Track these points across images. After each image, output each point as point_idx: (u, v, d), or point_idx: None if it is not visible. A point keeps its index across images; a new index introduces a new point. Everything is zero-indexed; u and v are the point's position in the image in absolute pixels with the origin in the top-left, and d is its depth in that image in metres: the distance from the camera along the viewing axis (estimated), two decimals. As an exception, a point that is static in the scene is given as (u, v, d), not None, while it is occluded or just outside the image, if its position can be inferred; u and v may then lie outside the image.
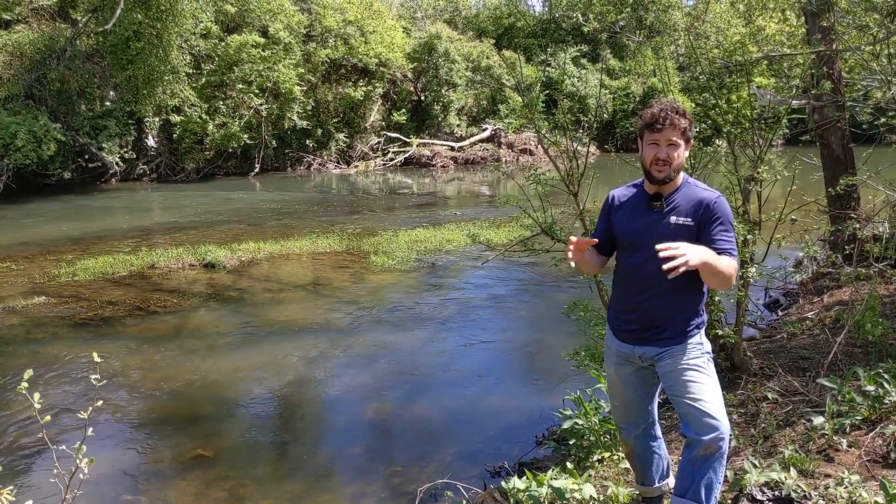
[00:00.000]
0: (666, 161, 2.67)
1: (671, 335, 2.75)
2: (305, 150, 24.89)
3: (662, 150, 2.68)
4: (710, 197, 2.71)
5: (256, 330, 7.52)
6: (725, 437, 2.63)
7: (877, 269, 6.18)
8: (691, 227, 2.68)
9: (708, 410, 2.64)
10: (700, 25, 12.74)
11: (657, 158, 2.68)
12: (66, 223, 14.46)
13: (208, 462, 4.72)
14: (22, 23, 19.60)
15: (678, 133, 2.67)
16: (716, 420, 2.62)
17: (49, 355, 6.70)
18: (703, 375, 2.72)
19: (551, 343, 7.03)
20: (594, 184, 5.12)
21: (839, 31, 6.86)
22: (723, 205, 2.69)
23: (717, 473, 2.65)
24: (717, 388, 2.74)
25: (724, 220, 2.67)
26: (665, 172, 2.69)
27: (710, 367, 2.78)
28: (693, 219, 2.68)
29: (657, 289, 2.71)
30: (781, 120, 4.94)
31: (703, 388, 2.69)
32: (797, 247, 6.63)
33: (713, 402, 2.66)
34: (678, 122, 2.66)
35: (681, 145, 2.69)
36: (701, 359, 2.75)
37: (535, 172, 5.20)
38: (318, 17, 24.78)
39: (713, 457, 2.63)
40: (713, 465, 2.64)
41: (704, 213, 2.67)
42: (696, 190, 2.75)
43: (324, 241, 11.91)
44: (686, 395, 2.68)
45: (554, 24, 32.53)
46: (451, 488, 3.81)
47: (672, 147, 2.67)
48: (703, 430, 2.62)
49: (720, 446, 2.62)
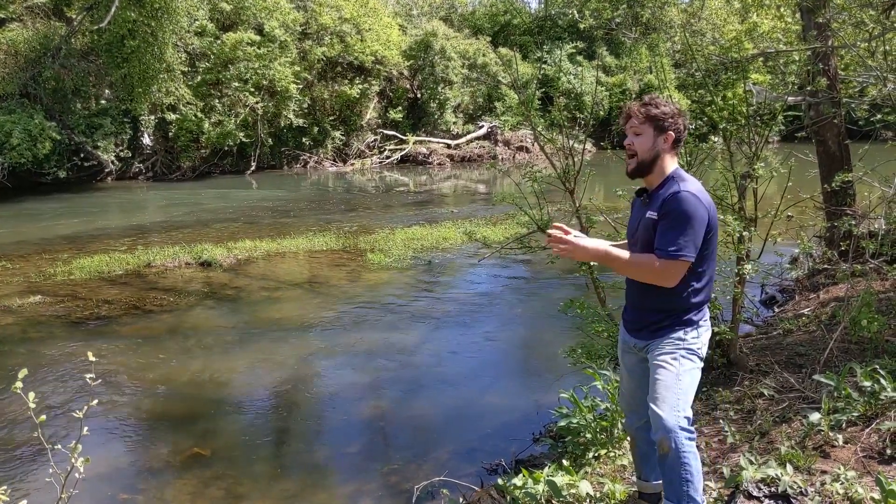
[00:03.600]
0: (632, 151, 2.76)
1: (653, 328, 2.80)
2: (301, 148, 24.85)
3: (628, 139, 2.79)
4: (675, 189, 2.69)
5: (253, 328, 7.50)
6: (675, 433, 2.58)
7: (872, 265, 6.19)
8: (655, 219, 2.72)
9: (657, 408, 2.63)
10: (696, 22, 12.74)
11: (626, 147, 2.80)
12: (61, 222, 14.42)
13: (205, 461, 4.71)
14: (16, 21, 19.53)
15: (640, 119, 2.74)
16: (661, 418, 2.61)
17: (44, 354, 6.68)
18: (666, 372, 2.70)
19: (547, 341, 7.04)
20: (590, 181, 5.13)
21: (835, 27, 6.85)
22: (678, 200, 2.65)
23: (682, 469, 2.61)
24: (680, 383, 2.68)
25: (674, 216, 2.63)
26: (632, 164, 2.79)
27: (681, 361, 2.72)
28: (657, 212, 2.71)
29: (635, 281, 2.82)
30: (777, 117, 4.95)
31: (658, 385, 2.68)
32: (793, 243, 6.64)
33: (664, 400, 2.63)
34: (638, 111, 2.74)
35: (644, 133, 2.74)
36: (671, 354, 2.72)
37: (532, 170, 5.20)
38: (313, 14, 24.73)
39: (670, 456, 2.60)
40: (674, 465, 2.62)
41: (663, 206, 2.69)
42: (673, 184, 2.74)
43: (320, 239, 11.90)
44: (650, 395, 2.72)
45: (550, 21, 32.50)
46: (448, 486, 3.81)
47: (636, 136, 2.76)
48: (655, 429, 2.65)
49: (672, 444, 2.59)
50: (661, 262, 2.64)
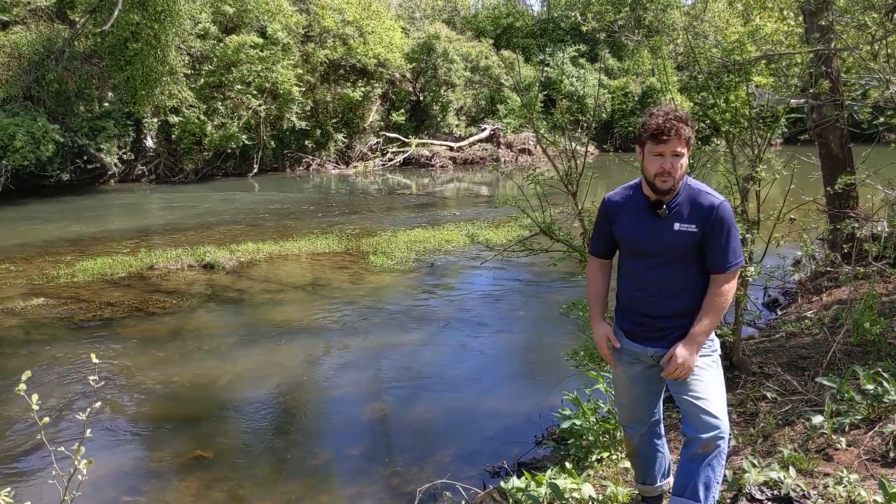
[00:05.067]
0: (671, 173, 2.63)
1: (681, 335, 2.73)
2: (304, 150, 24.87)
3: (668, 160, 2.62)
4: (713, 202, 2.67)
5: (255, 331, 7.51)
6: (725, 436, 2.62)
7: (875, 268, 6.18)
8: (695, 233, 2.67)
9: (707, 408, 2.63)
10: (699, 25, 12.74)
11: (663, 170, 2.63)
12: (64, 224, 14.44)
13: (208, 463, 4.72)
14: (20, 24, 19.57)
15: (683, 143, 2.62)
16: (715, 418, 2.61)
17: (48, 357, 6.70)
18: (706, 373, 2.71)
19: (550, 343, 7.03)
20: (592, 183, 5.12)
21: (837, 30, 6.85)
22: (726, 210, 2.68)
23: (715, 472, 2.65)
24: (721, 386, 2.74)
25: (727, 227, 2.67)
26: (669, 184, 2.65)
27: (717, 365, 2.77)
28: (697, 226, 2.67)
29: (663, 293, 2.73)
30: (780, 119, 4.94)
31: (705, 385, 2.68)
32: (796, 246, 6.63)
33: (714, 401, 2.66)
34: (683, 133, 2.60)
35: (685, 154, 2.65)
36: (708, 357, 2.75)
37: (534, 172, 5.20)
38: (316, 17, 24.75)
39: (711, 455, 2.62)
40: (711, 464, 2.63)
41: (708, 221, 2.66)
42: (697, 193, 2.71)
43: (323, 241, 11.90)
44: (688, 392, 2.68)
45: (552, 23, 32.51)
46: (451, 489, 3.80)
47: (677, 157, 2.62)
48: (703, 427, 2.62)
49: (718, 444, 2.61)
50: (731, 275, 2.69)
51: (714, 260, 2.68)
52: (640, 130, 2.70)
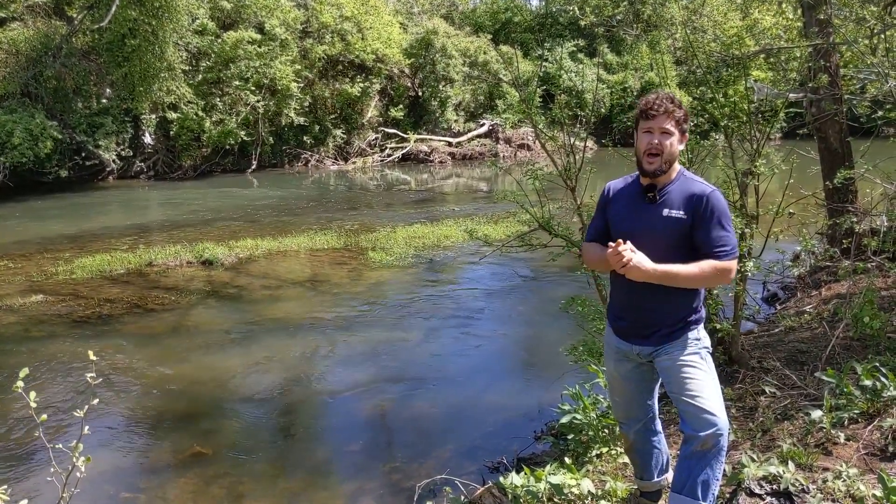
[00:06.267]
0: (658, 150, 2.65)
1: (667, 332, 2.74)
2: (303, 146, 24.84)
3: (655, 137, 2.65)
4: (704, 190, 2.68)
5: (254, 327, 7.51)
6: (723, 433, 2.62)
7: (874, 262, 6.18)
8: (684, 220, 2.66)
9: (705, 406, 2.63)
10: (697, 19, 12.71)
11: (650, 146, 2.65)
12: (63, 221, 14.43)
13: (207, 459, 4.72)
14: (17, 20, 19.52)
15: (672, 121, 2.65)
16: (713, 416, 2.61)
17: (46, 353, 6.69)
18: (699, 371, 2.70)
19: (549, 338, 7.03)
20: (591, 178, 5.11)
21: (836, 24, 6.84)
22: (717, 199, 2.66)
23: (714, 470, 2.65)
24: (715, 383, 2.73)
25: (719, 216, 2.64)
26: (656, 164, 2.66)
27: (708, 362, 2.76)
28: (686, 212, 2.66)
29: (650, 286, 2.67)
30: (779, 113, 4.93)
31: (699, 384, 2.68)
32: (795, 240, 6.63)
33: (710, 398, 2.65)
34: (672, 110, 2.64)
35: (674, 135, 2.66)
36: (697, 354, 2.74)
37: (533, 167, 5.19)
38: (314, 13, 24.70)
39: (710, 453, 2.62)
40: (710, 462, 2.63)
41: (698, 208, 2.65)
42: (690, 183, 2.73)
43: (321, 237, 11.90)
44: (683, 391, 2.67)
45: (551, 18, 32.46)
46: (450, 484, 3.80)
47: (665, 135, 2.65)
48: (701, 425, 2.61)
49: (717, 442, 2.61)
50: (725, 263, 2.62)
51: (703, 246, 2.64)
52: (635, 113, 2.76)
